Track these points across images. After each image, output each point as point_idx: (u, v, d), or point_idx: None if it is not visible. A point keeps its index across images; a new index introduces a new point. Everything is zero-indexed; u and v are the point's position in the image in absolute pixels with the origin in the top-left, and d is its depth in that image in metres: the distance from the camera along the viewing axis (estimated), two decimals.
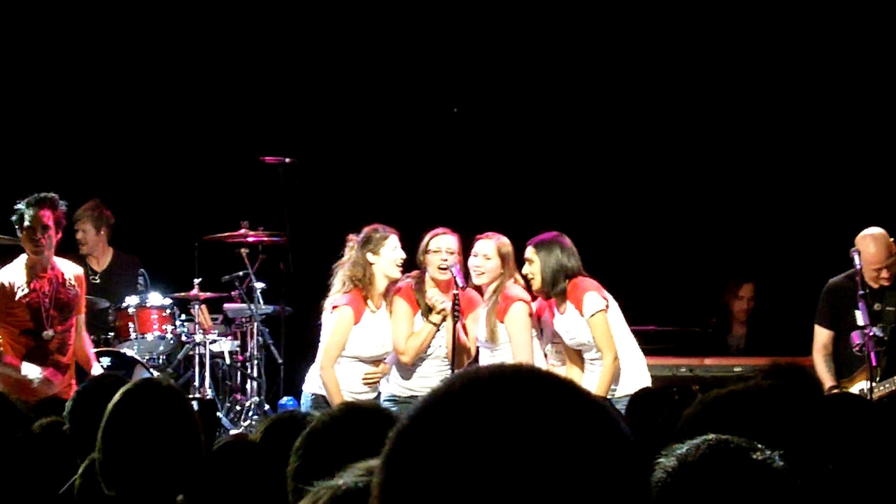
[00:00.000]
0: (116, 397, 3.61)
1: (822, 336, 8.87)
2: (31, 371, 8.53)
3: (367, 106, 12.30)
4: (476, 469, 1.43)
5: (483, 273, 8.43)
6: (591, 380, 8.13)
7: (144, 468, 3.46)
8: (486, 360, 8.40)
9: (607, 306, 8.16)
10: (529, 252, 8.27)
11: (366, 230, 8.55)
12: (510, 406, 1.47)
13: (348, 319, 8.40)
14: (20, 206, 8.51)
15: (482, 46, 12.18)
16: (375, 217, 8.91)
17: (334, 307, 8.46)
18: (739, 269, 11.11)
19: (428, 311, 8.52)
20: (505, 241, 8.48)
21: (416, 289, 8.58)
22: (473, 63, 12.25)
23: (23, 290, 8.55)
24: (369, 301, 8.49)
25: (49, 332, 8.57)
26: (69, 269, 8.86)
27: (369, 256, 8.45)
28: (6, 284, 8.55)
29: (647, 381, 8.24)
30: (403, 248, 8.57)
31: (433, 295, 8.52)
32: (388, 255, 8.46)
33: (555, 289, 8.20)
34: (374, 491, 1.51)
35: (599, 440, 1.48)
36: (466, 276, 8.46)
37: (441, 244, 8.50)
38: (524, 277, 8.37)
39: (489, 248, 8.45)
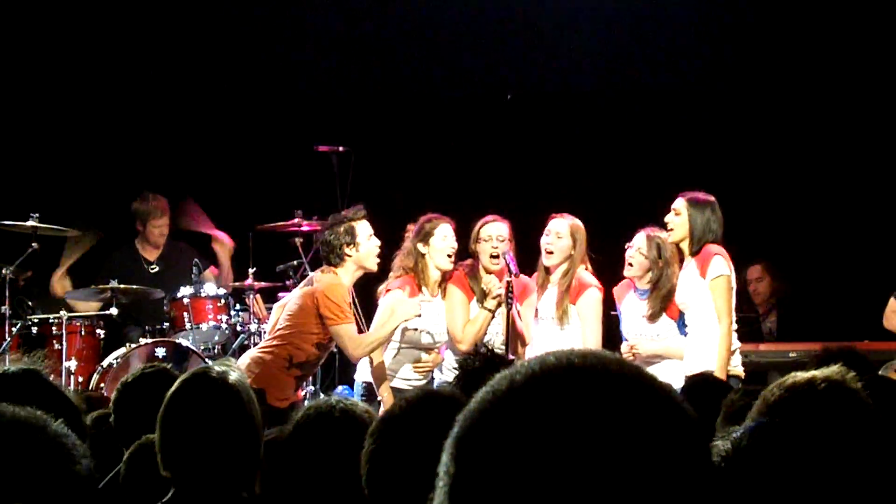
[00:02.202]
0: (176, 385, 3.67)
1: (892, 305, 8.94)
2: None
3: (420, 93, 12.27)
4: (543, 463, 1.40)
5: (553, 252, 8.43)
6: (690, 347, 8.13)
7: (199, 454, 3.54)
8: (553, 337, 8.40)
9: (731, 275, 8.10)
10: (680, 204, 8.23)
11: (420, 220, 8.53)
12: (576, 397, 1.44)
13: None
14: (347, 219, 8.36)
15: (535, 32, 12.12)
16: (429, 205, 8.88)
17: (387, 290, 8.46)
18: (747, 252, 11.03)
19: (483, 297, 8.50)
20: (579, 223, 8.50)
21: (470, 276, 8.56)
22: (526, 49, 12.20)
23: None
24: (423, 288, 8.48)
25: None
26: None
27: (420, 247, 8.44)
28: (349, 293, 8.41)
29: (736, 365, 8.19)
30: (458, 236, 8.55)
31: (489, 281, 8.50)
32: (439, 245, 8.43)
33: (695, 246, 8.15)
34: (442, 481, 1.48)
35: (666, 430, 1.45)
36: (528, 259, 8.47)
37: (492, 232, 8.48)
38: (664, 226, 8.33)
39: (562, 226, 8.45)
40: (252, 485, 3.64)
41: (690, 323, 8.17)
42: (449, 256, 8.45)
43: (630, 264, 8.42)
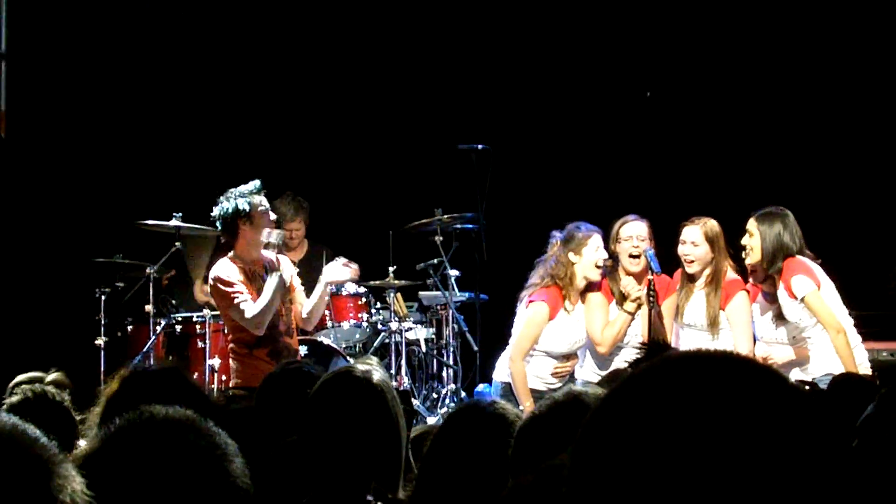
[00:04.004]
0: (319, 384, 3.69)
1: None
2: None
3: (559, 91, 12.23)
4: (665, 460, 1.38)
5: (693, 261, 8.32)
6: (813, 357, 7.99)
7: (342, 454, 3.54)
8: (704, 345, 8.21)
9: (819, 285, 7.92)
10: (751, 224, 8.11)
11: (568, 228, 8.46)
12: (701, 394, 1.42)
13: (543, 315, 8.33)
14: (242, 196, 8.43)
15: (676, 26, 12.01)
16: (568, 203, 8.84)
17: (530, 301, 8.40)
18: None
19: (622, 299, 8.42)
20: (712, 224, 8.35)
21: (610, 277, 8.49)
22: (666, 45, 12.08)
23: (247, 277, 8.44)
24: (567, 299, 8.40)
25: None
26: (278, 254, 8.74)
27: (571, 256, 8.36)
28: (229, 273, 8.39)
29: (863, 363, 8.01)
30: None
31: (627, 283, 8.42)
32: (591, 255, 8.36)
33: (772, 266, 8.01)
34: (567, 480, 1.47)
35: (794, 430, 1.42)
36: (667, 259, 8.35)
37: (631, 231, 8.41)
38: (741, 248, 8.20)
39: (696, 234, 8.32)
40: (395, 485, 3.61)
41: (810, 335, 8.00)
42: (598, 267, 8.38)
43: (750, 252, 8.22)
